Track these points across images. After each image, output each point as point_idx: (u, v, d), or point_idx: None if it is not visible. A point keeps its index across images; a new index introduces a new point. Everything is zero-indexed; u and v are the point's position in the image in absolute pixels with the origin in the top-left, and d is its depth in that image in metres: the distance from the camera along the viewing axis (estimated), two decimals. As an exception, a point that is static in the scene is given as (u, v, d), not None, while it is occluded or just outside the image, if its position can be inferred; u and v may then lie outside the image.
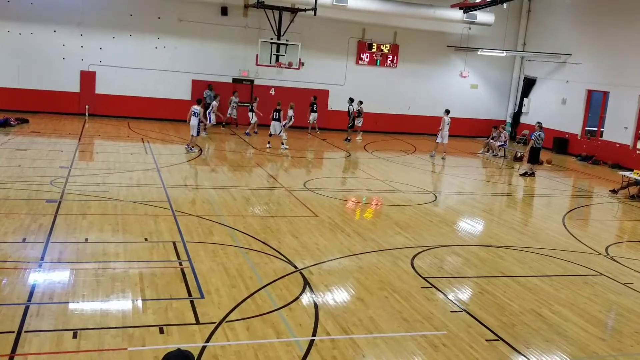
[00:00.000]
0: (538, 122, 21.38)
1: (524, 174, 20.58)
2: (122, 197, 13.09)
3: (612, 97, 24.94)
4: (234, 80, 26.69)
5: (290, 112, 23.64)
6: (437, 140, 22.69)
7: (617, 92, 24.61)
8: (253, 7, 24.44)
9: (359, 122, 25.64)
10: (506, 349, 7.42)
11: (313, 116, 25.92)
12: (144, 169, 16.20)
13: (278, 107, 21.48)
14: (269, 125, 22.05)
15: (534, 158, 20.66)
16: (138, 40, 25.38)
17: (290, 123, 23.65)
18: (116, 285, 8.28)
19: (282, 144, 21.34)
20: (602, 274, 10.68)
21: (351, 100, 25.76)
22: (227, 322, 7.43)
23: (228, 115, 25.92)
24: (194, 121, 19.00)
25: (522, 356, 7.29)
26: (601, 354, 7.56)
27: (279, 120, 21.20)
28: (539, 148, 20.65)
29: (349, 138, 25.32)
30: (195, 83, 26.15)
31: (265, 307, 7.96)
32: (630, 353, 7.65)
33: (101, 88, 25.29)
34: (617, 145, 24.38)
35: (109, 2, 24.75)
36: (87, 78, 25.14)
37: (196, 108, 19.15)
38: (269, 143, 21.57)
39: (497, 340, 7.63)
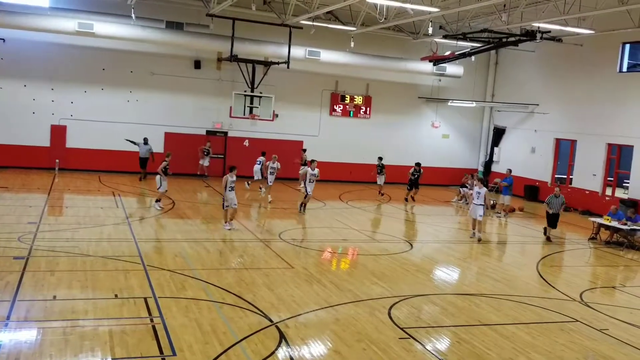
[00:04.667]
0: (557, 187, 19.82)
1: (548, 239, 18.68)
2: (92, 252, 12.81)
3: (579, 145, 25.56)
4: (208, 132, 26.75)
5: (274, 164, 22.30)
6: (470, 215, 18.31)
7: (584, 140, 25.24)
8: (226, 61, 24.75)
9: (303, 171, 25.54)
10: (486, 400, 7.29)
11: (381, 179, 24.83)
12: (115, 223, 15.94)
13: (165, 159, 18.84)
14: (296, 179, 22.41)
15: (552, 222, 18.81)
16: (110, 94, 25.41)
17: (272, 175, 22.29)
18: (85, 344, 8.00)
19: (157, 200, 18.52)
20: (577, 320, 10.68)
21: (418, 164, 24.37)
22: (200, 379, 7.21)
23: (200, 164, 25.98)
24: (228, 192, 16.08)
25: (502, 407, 7.16)
26: (581, 402, 7.47)
27: (163, 173, 18.42)
28: (557, 214, 18.72)
29: (408, 197, 24.24)
30: (168, 135, 26.14)
31: (240, 363, 7.75)
32: (610, 401, 7.58)
33: (72, 142, 25.10)
34: (587, 192, 24.83)
35: (80, 56, 24.83)
36: (58, 132, 24.96)
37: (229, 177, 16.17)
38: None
39: (477, 391, 7.51)
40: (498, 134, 30.34)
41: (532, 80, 28.26)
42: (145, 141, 24.43)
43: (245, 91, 24.30)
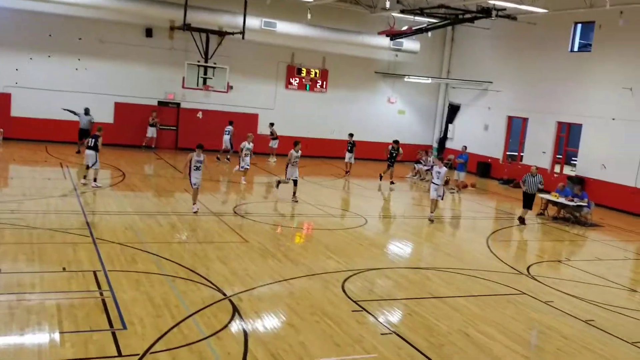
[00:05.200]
0: (534, 166, 18.76)
1: (521, 220, 17.77)
2: (39, 224, 12.41)
3: (530, 123, 26.11)
4: (160, 103, 26.15)
5: (250, 145, 19.97)
6: (431, 197, 17.01)
7: (535, 118, 25.79)
8: (179, 29, 24.13)
9: (274, 144, 25.71)
10: (436, 371, 7.44)
11: (348, 156, 23.95)
12: (63, 195, 15.48)
13: (97, 133, 17.32)
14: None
15: (527, 203, 17.91)
16: (57, 62, 24.46)
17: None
18: (31, 318, 7.78)
19: (95, 179, 17.00)
20: (524, 293, 10.97)
21: (396, 142, 23.71)
22: (151, 353, 7.12)
23: (149, 137, 25.29)
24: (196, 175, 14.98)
25: (451, 377, 7.32)
26: (527, 372, 7.71)
27: (94, 148, 16.88)
28: (532, 194, 17.89)
29: (384, 175, 23.10)
30: (118, 106, 25.44)
31: (192, 337, 7.68)
32: (554, 370, 7.84)
33: (17, 111, 24.11)
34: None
35: (25, 22, 23.75)
36: (2, 100, 23.90)
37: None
38: (84, 177, 17.24)
39: (427, 362, 7.65)
40: (452, 110, 30.68)
41: (487, 57, 28.59)
42: (87, 111, 23.15)
43: (198, 61, 23.79)
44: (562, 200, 18.76)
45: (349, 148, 24.25)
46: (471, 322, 9.23)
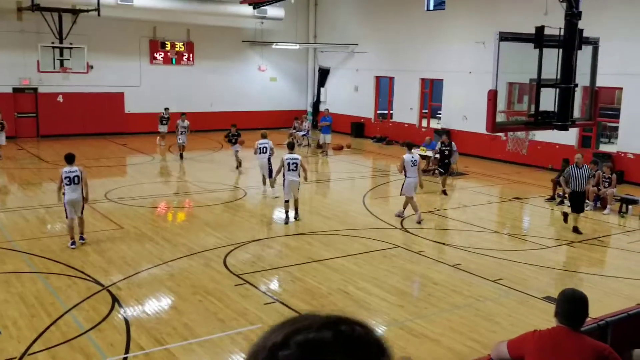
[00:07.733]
0: (579, 154, 14.07)
1: (575, 230, 12.93)
2: None
3: (397, 82, 27.16)
4: (15, 89, 24.34)
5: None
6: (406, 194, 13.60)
7: (401, 77, 26.84)
8: (28, 10, 22.44)
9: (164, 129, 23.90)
10: (318, 332, 7.78)
11: (235, 148, 19.49)
12: None
13: None
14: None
15: (576, 206, 13.10)
16: None
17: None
18: None
19: None
20: (398, 246, 11.65)
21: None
22: (29, 355, 6.91)
23: None
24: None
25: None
26: (400, 319, 8.27)
27: None
28: (581, 192, 13.20)
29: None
30: (-32, 96, 23.42)
31: (72, 333, 7.50)
32: (424, 315, 8.47)
33: None
34: (406, 125, 26.66)
35: None
36: None
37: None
38: None
39: (310, 324, 7.97)
40: (323, 74, 31.17)
41: (351, 20, 29.19)
42: None
43: (52, 43, 22.33)
44: (429, 153, 19.83)
45: (233, 140, 19.53)
46: (350, 280, 9.69)
